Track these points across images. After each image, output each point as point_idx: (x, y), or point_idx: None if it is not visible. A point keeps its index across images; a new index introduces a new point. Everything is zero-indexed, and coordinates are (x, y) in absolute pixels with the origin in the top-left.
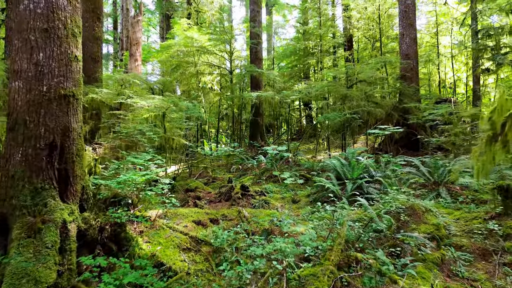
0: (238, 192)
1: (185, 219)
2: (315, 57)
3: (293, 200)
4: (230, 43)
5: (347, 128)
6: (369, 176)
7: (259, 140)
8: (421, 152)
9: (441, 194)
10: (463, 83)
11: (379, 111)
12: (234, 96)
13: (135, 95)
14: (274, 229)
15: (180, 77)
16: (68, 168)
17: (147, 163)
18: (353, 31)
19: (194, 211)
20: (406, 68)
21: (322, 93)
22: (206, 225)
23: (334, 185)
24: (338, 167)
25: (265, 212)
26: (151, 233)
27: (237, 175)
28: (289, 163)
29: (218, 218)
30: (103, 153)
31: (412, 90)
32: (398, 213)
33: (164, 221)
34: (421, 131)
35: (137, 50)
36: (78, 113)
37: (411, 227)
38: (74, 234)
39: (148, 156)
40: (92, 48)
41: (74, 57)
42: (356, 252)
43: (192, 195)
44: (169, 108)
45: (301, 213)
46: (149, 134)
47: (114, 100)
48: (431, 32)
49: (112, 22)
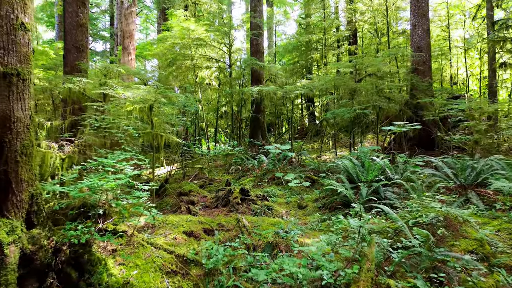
0: (237, 197)
1: (174, 229)
2: (319, 52)
3: (299, 206)
4: (229, 35)
5: (356, 125)
6: (385, 179)
7: (260, 138)
8: (437, 151)
9: (470, 200)
10: (477, 79)
11: (393, 106)
12: (233, 91)
13: (120, 85)
14: (280, 242)
15: (176, 72)
16: (9, 171)
17: (120, 164)
18: (359, 24)
19: (186, 219)
20: (418, 61)
21: (328, 88)
22: (199, 236)
23: (346, 189)
24: (350, 168)
25: (268, 221)
26: (127, 253)
27: (236, 176)
28: (292, 163)
29: (213, 228)
30: (72, 151)
31: (426, 85)
32: (430, 224)
33: (144, 235)
34: (434, 129)
35: (130, 43)
36: (25, 98)
37: (449, 243)
38: (14, 261)
39: (122, 155)
40: (76, 36)
41: (20, 24)
42: (388, 279)
43: (185, 200)
44: (158, 100)
45: (309, 221)
46: (128, 128)
47: (96, 91)
48: (442, 25)
49: (109, 19)
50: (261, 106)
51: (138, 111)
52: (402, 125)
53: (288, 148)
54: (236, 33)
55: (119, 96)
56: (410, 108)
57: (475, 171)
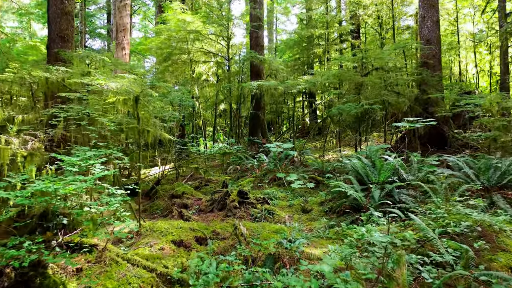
0: (234, 200)
1: (162, 237)
2: (322, 47)
3: (303, 209)
4: (228, 28)
5: (364, 122)
6: (399, 180)
7: (260, 137)
8: (449, 150)
9: (496, 204)
10: (487, 75)
11: (403, 101)
12: (231, 85)
13: (102, 74)
14: (283, 253)
15: (172, 67)
16: None
17: (85, 162)
18: (362, 19)
19: (176, 225)
20: (427, 55)
21: (333, 83)
22: (190, 246)
23: (356, 191)
24: (359, 168)
25: (269, 228)
26: (95, 272)
27: (234, 177)
28: (294, 163)
29: (207, 236)
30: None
31: (436, 80)
32: (462, 234)
33: (121, 249)
34: (445, 126)
35: (124, 37)
36: None
37: (486, 257)
38: None
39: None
40: (61, 24)
41: None
42: None
43: (178, 203)
44: (144, 91)
45: (315, 227)
46: (104, 121)
47: (73, 79)
48: (450, 19)
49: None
50: (261, 102)
51: (122, 103)
52: (415, 121)
53: (290, 147)
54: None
55: (101, 86)
56: (419, 104)
57: (499, 171)
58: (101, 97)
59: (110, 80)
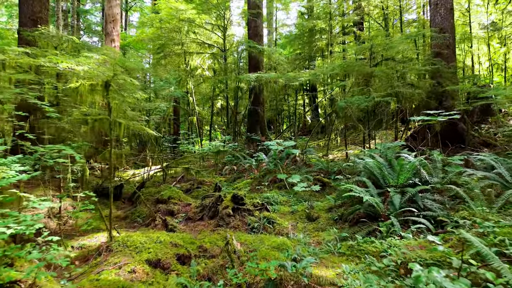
0: (228, 206)
1: (136, 255)
2: (325, 40)
3: (308, 217)
4: (224, 17)
5: (375, 116)
6: (421, 182)
7: (258, 134)
8: (467, 148)
9: None
10: (501, 68)
11: (418, 93)
12: (228, 77)
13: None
14: (287, 278)
15: (164, 60)
16: None
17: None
18: (369, 9)
19: (156, 238)
20: (441, 44)
21: (339, 74)
22: (169, 268)
23: (373, 196)
24: (374, 169)
25: (269, 242)
26: None
27: (230, 178)
28: (296, 162)
29: (191, 254)
30: None
31: (451, 71)
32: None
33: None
34: (459, 122)
35: (114, 29)
36: None
37: None
38: None
39: None
40: (33, 6)
41: None
42: None
43: (162, 209)
44: (117, 75)
45: (324, 239)
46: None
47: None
48: (462, 9)
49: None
50: (260, 97)
51: (88, 90)
52: (436, 114)
53: (292, 145)
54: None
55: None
56: (434, 97)
57: None
58: (65, 83)
59: (80, 64)
